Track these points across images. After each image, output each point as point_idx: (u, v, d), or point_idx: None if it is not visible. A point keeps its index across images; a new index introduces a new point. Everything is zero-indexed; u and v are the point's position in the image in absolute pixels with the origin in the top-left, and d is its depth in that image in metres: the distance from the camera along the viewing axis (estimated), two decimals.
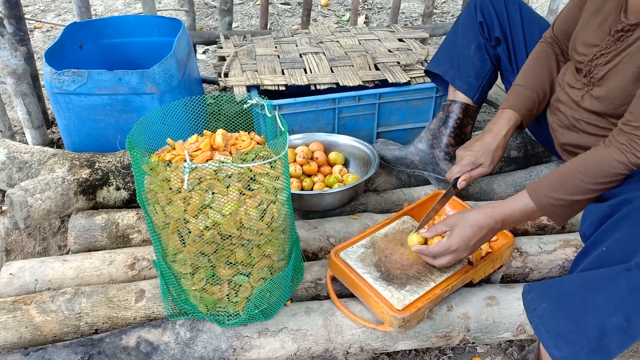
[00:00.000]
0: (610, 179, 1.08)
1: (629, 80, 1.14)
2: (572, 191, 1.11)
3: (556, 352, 1.02)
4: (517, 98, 1.39)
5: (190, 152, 1.13)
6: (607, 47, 1.19)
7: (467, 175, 1.33)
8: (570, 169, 1.13)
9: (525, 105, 1.38)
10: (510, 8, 1.58)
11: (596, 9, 1.24)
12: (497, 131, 1.36)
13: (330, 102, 1.79)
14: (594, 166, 1.10)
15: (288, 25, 3.31)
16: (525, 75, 1.42)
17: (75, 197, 1.57)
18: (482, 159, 1.33)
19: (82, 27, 1.92)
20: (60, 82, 1.61)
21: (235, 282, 1.18)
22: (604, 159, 1.09)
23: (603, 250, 1.01)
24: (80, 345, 1.20)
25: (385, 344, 1.28)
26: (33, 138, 1.92)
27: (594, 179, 1.09)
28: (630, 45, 1.14)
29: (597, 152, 1.11)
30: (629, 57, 1.14)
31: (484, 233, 1.18)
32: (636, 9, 1.14)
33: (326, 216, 1.61)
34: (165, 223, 1.11)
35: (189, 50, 1.86)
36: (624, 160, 1.06)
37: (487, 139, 1.36)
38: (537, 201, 1.14)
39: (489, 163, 1.33)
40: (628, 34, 1.14)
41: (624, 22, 1.15)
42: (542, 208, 1.13)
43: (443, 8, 3.62)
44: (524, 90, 1.39)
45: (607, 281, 0.96)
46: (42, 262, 1.43)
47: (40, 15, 3.33)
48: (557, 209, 1.13)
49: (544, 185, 1.14)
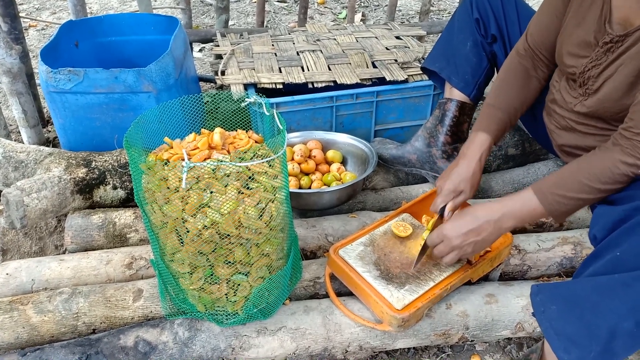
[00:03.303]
0: (614, 179, 1.09)
1: (622, 89, 1.15)
2: (576, 189, 1.11)
3: (564, 355, 1.02)
4: (489, 120, 1.40)
5: (188, 150, 1.13)
6: (597, 59, 1.19)
7: (451, 204, 1.34)
8: (575, 168, 1.14)
9: (497, 127, 1.39)
10: (506, 5, 1.57)
11: (579, 20, 1.24)
12: (472, 157, 1.37)
13: (327, 100, 1.79)
14: (599, 166, 1.11)
15: (285, 23, 3.30)
16: (497, 95, 1.42)
17: (71, 197, 1.56)
18: (462, 187, 1.34)
19: (77, 25, 1.91)
20: (56, 80, 1.60)
21: (233, 281, 1.17)
22: (608, 160, 1.10)
23: (617, 255, 1.01)
24: (77, 346, 1.20)
25: (384, 343, 1.28)
26: (29, 137, 1.91)
27: (599, 178, 1.10)
28: (621, 56, 1.14)
29: (601, 152, 1.12)
30: (623, 67, 1.14)
31: (480, 223, 1.17)
32: (622, 20, 1.14)
33: (324, 215, 1.61)
34: (163, 222, 1.10)
35: (185, 49, 1.86)
36: (629, 161, 1.07)
37: (462, 166, 1.36)
38: (540, 197, 1.14)
39: (469, 189, 1.35)
40: (617, 44, 1.15)
41: (611, 34, 1.15)
42: (545, 203, 1.14)
43: (440, 5, 3.62)
44: (496, 112, 1.39)
45: (621, 287, 0.97)
46: (39, 262, 1.42)
47: (36, 13, 3.31)
48: (560, 206, 1.13)
49: (548, 182, 1.15)
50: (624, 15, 1.13)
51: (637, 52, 1.10)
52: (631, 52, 1.12)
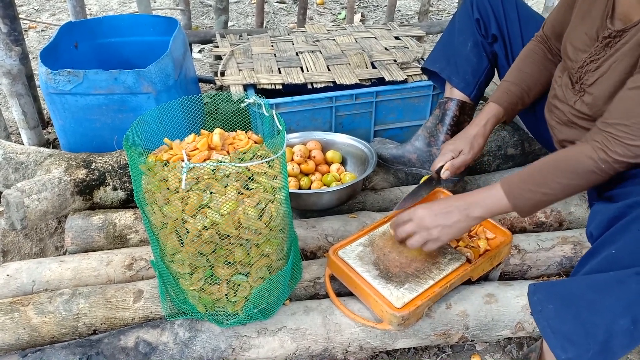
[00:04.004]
0: (579, 175, 1.09)
1: (614, 86, 1.14)
2: (540, 183, 1.12)
3: (562, 353, 1.02)
4: (501, 92, 1.44)
5: (187, 151, 1.13)
6: (596, 54, 1.19)
7: (450, 164, 1.37)
8: (544, 162, 1.14)
9: (508, 99, 1.42)
10: (506, 5, 1.58)
11: (584, 14, 1.24)
12: (477, 121, 1.42)
13: (327, 100, 1.79)
14: (564, 161, 1.11)
15: (284, 23, 3.31)
16: (512, 72, 1.47)
17: (72, 198, 1.56)
18: (461, 146, 1.38)
19: (77, 26, 1.91)
20: (56, 82, 1.60)
21: (233, 282, 1.17)
22: (575, 155, 1.10)
23: (612, 252, 1.00)
24: (78, 346, 1.20)
25: (384, 343, 1.28)
26: (29, 139, 1.91)
27: (563, 173, 1.10)
28: (617, 52, 1.14)
29: (571, 149, 1.13)
30: (617, 64, 1.14)
31: (451, 208, 1.19)
32: (623, 15, 1.13)
33: (324, 215, 1.61)
34: (163, 223, 1.11)
35: (184, 50, 1.86)
36: (594, 157, 1.07)
37: (467, 129, 1.42)
38: (506, 189, 1.15)
39: (469, 150, 1.38)
40: (615, 39, 1.14)
41: (610, 29, 1.15)
42: (510, 196, 1.14)
43: (439, 6, 3.62)
44: (509, 85, 1.43)
45: (617, 284, 0.96)
46: (39, 263, 1.42)
47: (35, 15, 3.32)
48: (523, 200, 1.14)
49: (516, 176, 1.16)
50: (625, 10, 1.12)
51: (630, 49, 1.10)
52: (625, 49, 1.11)
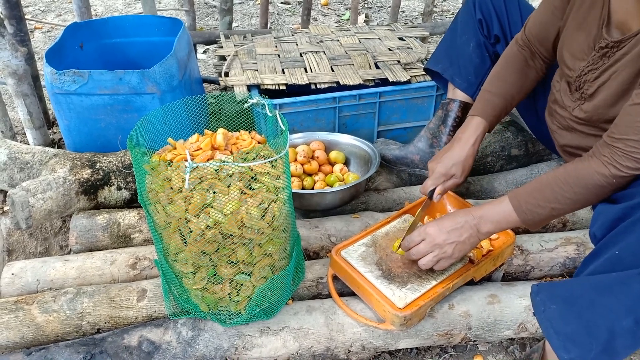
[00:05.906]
0: (589, 190, 1.08)
1: (616, 96, 1.14)
2: (549, 198, 1.11)
3: (565, 354, 1.02)
4: (485, 105, 1.41)
5: (191, 151, 1.13)
6: (594, 63, 1.18)
7: (441, 188, 1.35)
8: (552, 176, 1.13)
9: (493, 112, 1.40)
10: (509, 5, 1.57)
11: (580, 21, 1.23)
12: (466, 140, 1.37)
13: (330, 101, 1.79)
14: (574, 176, 1.09)
15: (288, 24, 3.31)
16: (494, 81, 1.43)
17: (76, 197, 1.57)
18: (453, 170, 1.35)
19: (82, 27, 1.92)
20: (61, 82, 1.61)
21: (236, 281, 1.18)
22: (584, 170, 1.09)
23: (615, 253, 1.00)
24: (82, 345, 1.20)
25: (387, 343, 1.28)
26: (34, 138, 1.93)
27: (573, 189, 1.09)
28: (616, 62, 1.13)
29: (579, 163, 1.11)
30: (617, 74, 1.13)
31: (462, 224, 1.18)
32: (620, 24, 1.12)
33: (327, 215, 1.61)
34: (167, 222, 1.11)
35: (189, 50, 1.87)
36: (604, 173, 1.06)
37: (456, 149, 1.37)
38: (515, 204, 1.14)
39: (460, 173, 1.35)
40: (613, 50, 1.13)
41: (606, 39, 1.14)
42: (519, 211, 1.13)
43: (443, 6, 3.62)
44: (492, 97, 1.40)
45: (619, 285, 0.96)
46: (44, 262, 1.43)
47: (41, 15, 3.33)
48: (532, 215, 1.13)
49: (524, 190, 1.15)
50: (622, 19, 1.12)
51: (631, 60, 1.09)
52: (626, 60, 1.10)
